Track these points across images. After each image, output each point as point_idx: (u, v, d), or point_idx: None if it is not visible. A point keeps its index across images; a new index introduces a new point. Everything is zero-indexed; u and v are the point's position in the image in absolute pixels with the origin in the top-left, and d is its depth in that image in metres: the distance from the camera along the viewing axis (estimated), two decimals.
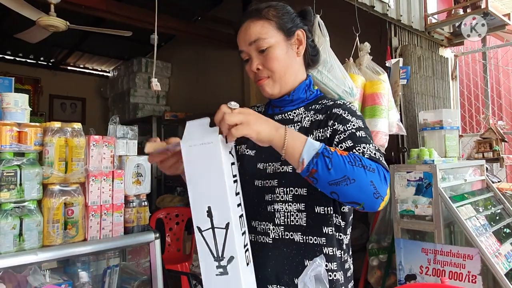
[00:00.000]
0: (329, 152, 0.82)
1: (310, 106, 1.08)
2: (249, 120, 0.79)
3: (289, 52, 1.04)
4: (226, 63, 5.42)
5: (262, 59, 1.02)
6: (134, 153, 1.54)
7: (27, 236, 1.21)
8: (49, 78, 6.62)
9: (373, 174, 0.82)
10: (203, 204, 0.78)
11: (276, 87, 1.05)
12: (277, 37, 1.02)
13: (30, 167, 1.24)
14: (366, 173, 0.81)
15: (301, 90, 1.08)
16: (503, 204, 2.53)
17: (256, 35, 1.01)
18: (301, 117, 1.06)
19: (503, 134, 2.88)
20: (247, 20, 1.04)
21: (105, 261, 1.51)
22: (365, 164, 0.82)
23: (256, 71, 1.03)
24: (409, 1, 2.81)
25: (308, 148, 0.82)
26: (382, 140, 2.20)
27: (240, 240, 0.78)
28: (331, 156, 0.81)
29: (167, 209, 3.69)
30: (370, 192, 0.81)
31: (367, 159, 0.85)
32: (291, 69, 1.05)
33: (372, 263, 2.71)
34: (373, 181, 0.82)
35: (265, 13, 1.03)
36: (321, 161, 0.81)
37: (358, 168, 0.81)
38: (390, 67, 2.58)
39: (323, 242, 0.97)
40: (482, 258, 1.93)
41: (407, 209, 2.20)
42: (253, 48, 1.02)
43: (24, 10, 2.83)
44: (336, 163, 0.81)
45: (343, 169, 0.80)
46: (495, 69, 3.56)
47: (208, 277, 0.77)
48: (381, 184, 0.82)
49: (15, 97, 1.34)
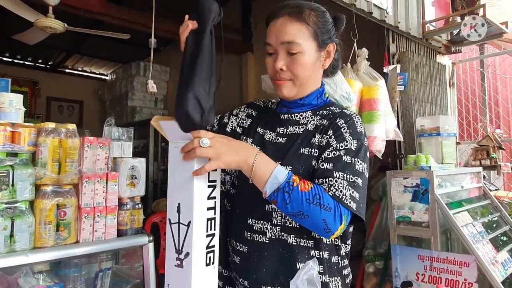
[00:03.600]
0: (291, 187, 0.87)
1: (318, 111, 1.09)
2: (219, 154, 0.84)
3: (316, 62, 1.04)
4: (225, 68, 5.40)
5: (289, 61, 1.01)
6: (129, 155, 1.53)
7: (19, 237, 1.20)
8: (47, 80, 6.61)
9: (328, 214, 0.87)
10: (176, 199, 0.86)
11: (294, 91, 1.05)
12: (310, 45, 1.01)
13: (23, 167, 1.23)
14: (321, 212, 0.86)
15: (313, 97, 1.09)
16: (500, 212, 2.52)
17: (291, 37, 0.99)
18: (307, 120, 1.07)
19: (500, 142, 2.88)
20: (285, 15, 1.01)
21: (97, 264, 1.49)
22: (322, 203, 0.87)
23: (279, 70, 1.02)
24: (407, 8, 2.82)
25: (272, 181, 0.87)
26: (379, 145, 2.20)
27: (201, 241, 0.84)
28: (290, 192, 0.86)
29: (163, 213, 3.67)
30: (321, 228, 0.88)
31: (327, 197, 0.88)
32: (313, 78, 1.06)
33: (368, 270, 2.69)
34: (326, 219, 0.87)
35: (306, 15, 1.00)
36: (281, 195, 0.87)
37: (314, 206, 0.86)
38: (388, 73, 2.58)
39: (311, 245, 0.98)
40: (479, 265, 1.92)
41: (404, 215, 2.19)
42: (284, 48, 1.01)
43: (22, 12, 2.83)
44: (294, 199, 0.86)
45: (299, 205, 0.86)
46: (492, 77, 3.57)
47: (168, 266, 0.86)
48: (333, 223, 0.87)
49: (9, 97, 1.33)
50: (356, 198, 0.91)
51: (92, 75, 7.31)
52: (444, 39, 3.22)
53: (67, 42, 5.72)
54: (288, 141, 1.05)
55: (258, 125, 1.13)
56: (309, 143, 1.01)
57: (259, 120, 1.15)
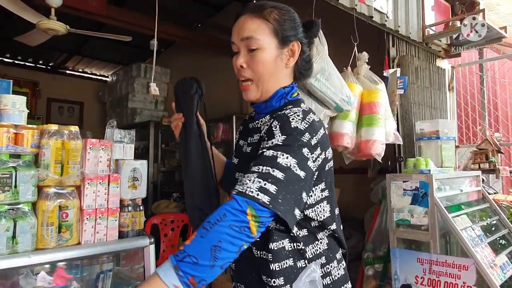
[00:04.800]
0: (180, 252, 0.76)
1: (274, 113, 1.01)
2: None
3: (277, 60, 1.01)
4: (225, 70, 5.41)
5: (249, 58, 1.00)
6: (131, 157, 1.54)
7: (21, 238, 1.20)
8: (48, 81, 6.62)
9: (224, 223, 0.75)
10: None
11: (258, 93, 1.03)
12: (270, 42, 0.99)
13: (25, 169, 1.24)
14: (220, 228, 0.75)
15: (275, 99, 1.03)
16: (498, 215, 2.53)
17: (250, 33, 0.99)
18: (264, 124, 1.03)
19: (499, 146, 2.90)
20: (246, 13, 1.02)
21: (98, 266, 1.50)
22: (212, 221, 0.76)
23: (240, 68, 1.02)
24: (407, 12, 2.84)
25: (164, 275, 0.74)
26: (378, 149, 2.21)
27: None
28: (186, 253, 0.74)
29: (163, 215, 3.67)
30: (237, 236, 0.76)
31: (215, 213, 0.78)
32: (275, 77, 1.02)
33: (368, 273, 2.69)
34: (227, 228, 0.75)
35: (267, 13, 1.00)
36: (185, 266, 0.73)
37: (212, 232, 0.75)
38: (388, 77, 2.60)
39: (269, 258, 0.92)
40: (478, 269, 1.93)
41: (403, 218, 2.20)
42: (244, 45, 1.01)
43: (25, 13, 2.84)
44: (194, 251, 0.74)
45: (204, 248, 0.74)
46: (491, 81, 3.59)
47: None
48: (235, 220, 0.76)
49: (12, 99, 1.34)
50: (271, 190, 0.79)
51: (93, 77, 7.31)
52: (444, 43, 3.24)
53: (68, 43, 5.73)
54: (251, 150, 1.04)
55: (240, 138, 1.16)
56: None
57: (242, 134, 1.16)
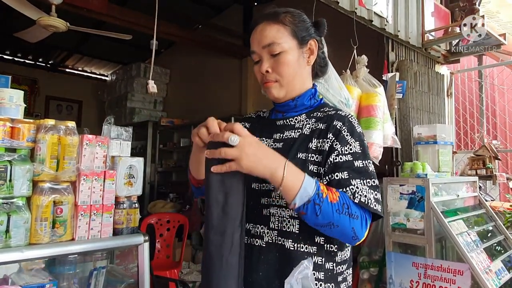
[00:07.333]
0: (321, 199, 0.86)
1: (312, 113, 1.09)
2: (243, 158, 0.83)
3: (300, 59, 1.06)
4: (225, 71, 5.44)
5: (273, 62, 1.04)
6: (127, 154, 1.53)
7: (14, 233, 1.19)
8: (47, 79, 6.62)
9: (356, 222, 0.88)
10: None
11: (283, 91, 1.07)
12: (291, 43, 1.04)
13: (21, 163, 1.23)
14: (350, 221, 0.88)
15: (306, 98, 1.09)
16: (495, 222, 2.53)
17: (271, 39, 1.03)
18: (302, 124, 1.07)
19: (497, 152, 2.90)
20: (263, 21, 1.05)
21: (92, 263, 1.49)
22: (351, 213, 0.88)
23: (265, 73, 1.05)
24: (407, 17, 2.85)
25: (301, 194, 0.85)
26: (376, 152, 2.21)
27: None
28: (321, 204, 0.85)
29: (159, 215, 3.66)
30: (349, 236, 0.89)
31: (354, 206, 0.89)
32: (299, 76, 1.07)
33: (363, 276, 2.69)
34: (355, 227, 0.88)
35: (283, 18, 1.05)
36: (311, 207, 0.85)
37: (344, 216, 0.87)
38: (387, 81, 2.60)
39: (313, 251, 0.96)
40: (473, 274, 1.92)
41: (399, 222, 2.20)
42: (266, 51, 1.04)
43: (25, 10, 2.84)
44: (325, 210, 0.86)
45: (330, 216, 0.86)
46: (490, 88, 3.60)
47: None
48: (361, 230, 0.90)
49: (10, 93, 1.33)
50: (379, 199, 0.94)
51: (92, 75, 7.31)
52: (443, 49, 3.25)
53: (68, 41, 5.74)
54: (284, 146, 1.05)
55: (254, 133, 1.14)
56: (306, 148, 1.01)
57: (254, 130, 1.13)
